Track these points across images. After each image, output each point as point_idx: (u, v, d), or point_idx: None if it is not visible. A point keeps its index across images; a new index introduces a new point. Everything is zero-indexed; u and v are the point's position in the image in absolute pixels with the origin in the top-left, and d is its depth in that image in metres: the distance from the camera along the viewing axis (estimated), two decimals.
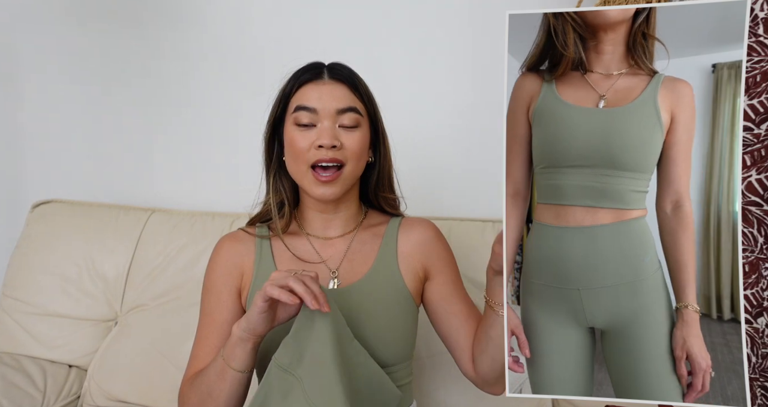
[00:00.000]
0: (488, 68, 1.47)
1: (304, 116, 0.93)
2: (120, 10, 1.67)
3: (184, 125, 1.68)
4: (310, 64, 0.98)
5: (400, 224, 1.04)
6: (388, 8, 1.58)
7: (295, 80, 0.96)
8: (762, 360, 1.10)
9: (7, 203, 1.73)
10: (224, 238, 1.02)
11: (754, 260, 1.10)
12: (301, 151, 0.92)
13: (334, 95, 0.94)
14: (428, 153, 1.56)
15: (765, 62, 1.07)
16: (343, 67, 0.98)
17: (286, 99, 0.96)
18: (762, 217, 1.10)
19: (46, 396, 1.33)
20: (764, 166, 1.09)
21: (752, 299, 1.10)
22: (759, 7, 1.07)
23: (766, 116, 1.09)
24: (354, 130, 0.94)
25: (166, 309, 1.41)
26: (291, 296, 0.77)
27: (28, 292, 1.44)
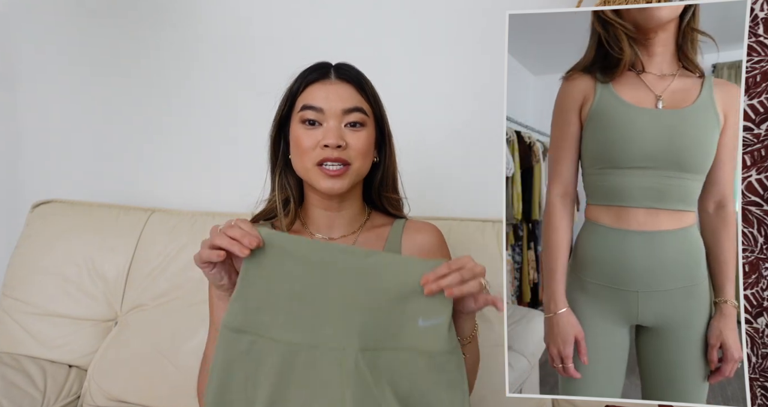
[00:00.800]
0: (488, 68, 1.47)
1: (310, 114, 0.94)
2: (120, 10, 1.67)
3: (185, 124, 1.68)
4: (317, 64, 0.99)
5: (404, 226, 1.04)
6: (388, 8, 1.58)
7: (302, 80, 0.97)
8: (762, 360, 1.10)
9: (7, 203, 1.73)
10: None
11: (754, 260, 1.10)
12: (306, 149, 0.93)
13: (340, 95, 0.95)
14: (428, 153, 1.56)
15: (765, 62, 1.08)
16: (350, 68, 0.99)
17: (293, 98, 0.97)
18: (762, 217, 1.10)
19: (46, 396, 1.33)
20: (764, 166, 1.09)
21: (752, 299, 1.10)
22: (759, 7, 1.07)
23: (766, 116, 1.09)
24: (359, 130, 0.95)
25: (166, 309, 1.41)
26: (219, 253, 0.77)
27: (28, 292, 1.44)
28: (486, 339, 1.28)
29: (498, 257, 1.33)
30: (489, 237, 1.37)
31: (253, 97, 1.62)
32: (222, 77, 1.65)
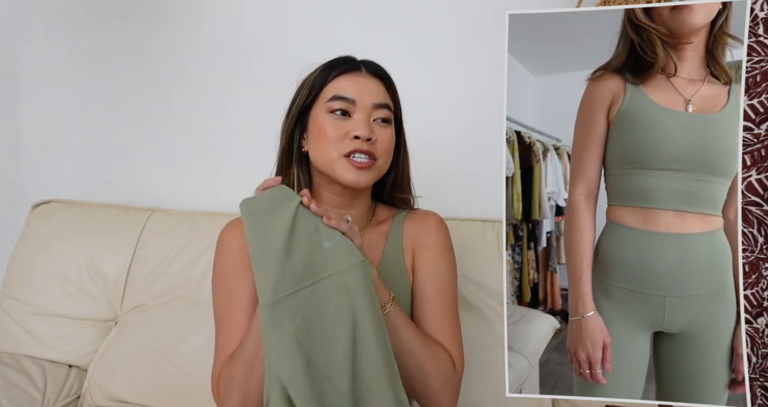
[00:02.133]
0: (488, 68, 1.47)
1: (341, 104, 0.92)
2: (119, 10, 1.67)
3: (185, 124, 1.68)
4: (343, 57, 0.98)
5: (405, 217, 1.03)
6: (388, 8, 1.58)
7: (331, 70, 0.95)
8: (762, 360, 1.10)
9: (7, 203, 1.73)
10: (229, 226, 1.00)
11: (754, 260, 1.11)
12: (334, 139, 0.91)
13: (371, 89, 0.94)
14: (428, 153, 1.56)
15: (765, 62, 1.08)
16: (378, 65, 0.99)
17: (318, 88, 0.95)
18: (762, 217, 1.10)
19: (46, 396, 1.33)
20: (764, 166, 1.09)
21: (752, 299, 1.10)
22: (759, 7, 1.07)
23: (766, 116, 1.09)
24: (387, 126, 0.94)
25: (166, 309, 1.41)
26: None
27: (28, 292, 1.44)
28: (486, 339, 1.29)
29: (498, 257, 1.33)
30: (489, 237, 1.37)
31: (253, 96, 1.62)
32: (222, 77, 1.65)
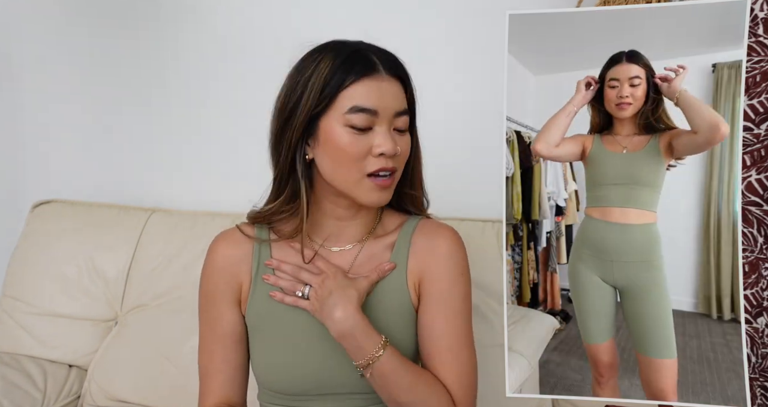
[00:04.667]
0: (488, 68, 1.47)
1: (363, 119, 0.80)
2: (119, 10, 1.67)
3: (184, 124, 1.68)
4: (355, 52, 0.83)
5: (416, 228, 0.92)
6: (388, 8, 1.58)
7: (347, 72, 0.81)
8: (762, 360, 1.10)
9: (7, 203, 1.73)
10: (218, 241, 0.94)
11: (754, 260, 1.11)
12: (356, 157, 0.81)
13: (393, 95, 0.83)
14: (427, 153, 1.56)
15: (765, 62, 1.08)
16: (395, 59, 0.86)
17: (332, 94, 0.81)
18: (762, 217, 1.10)
19: (46, 396, 1.33)
20: (764, 166, 1.09)
21: (752, 299, 1.10)
22: (759, 7, 1.07)
23: (766, 116, 1.09)
24: (405, 134, 0.86)
25: (166, 309, 1.41)
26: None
27: (28, 292, 1.44)
28: (486, 339, 1.28)
29: (498, 257, 1.33)
30: (489, 237, 1.37)
31: (254, 96, 1.62)
32: (222, 77, 1.65)
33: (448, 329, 0.87)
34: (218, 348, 0.90)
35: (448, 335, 0.87)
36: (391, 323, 0.88)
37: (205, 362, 0.92)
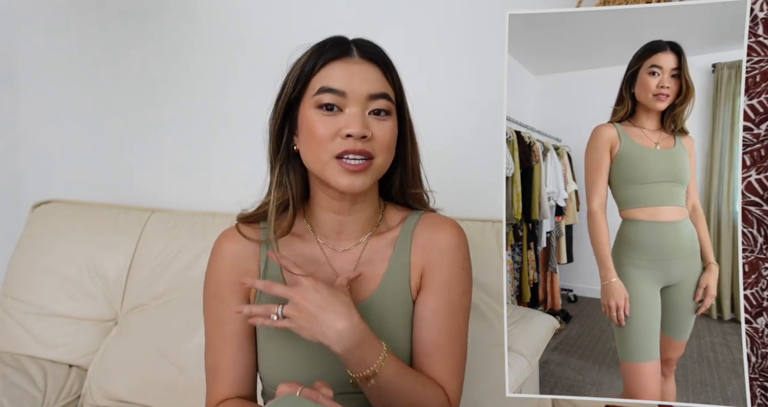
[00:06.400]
0: (488, 68, 1.47)
1: (329, 98, 0.80)
2: (120, 9, 1.67)
3: (184, 124, 1.68)
4: (334, 38, 0.85)
5: (418, 222, 0.92)
6: (387, 7, 1.58)
7: (319, 56, 0.83)
8: (762, 360, 1.10)
9: (7, 203, 1.73)
10: (224, 239, 0.93)
11: (754, 260, 1.11)
12: (323, 139, 0.80)
13: (365, 77, 0.82)
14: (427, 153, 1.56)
15: (765, 62, 1.08)
16: (374, 46, 0.86)
17: (305, 78, 0.83)
18: (762, 217, 1.10)
19: (46, 396, 1.33)
20: (764, 166, 1.09)
21: (752, 299, 1.10)
22: (759, 7, 1.07)
23: (766, 116, 1.09)
24: (385, 119, 0.83)
25: (166, 309, 1.41)
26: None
27: (28, 292, 1.44)
28: (486, 339, 1.29)
29: (498, 257, 1.33)
30: (489, 237, 1.37)
31: (252, 95, 1.62)
32: (221, 77, 1.65)
33: (445, 324, 0.88)
34: (228, 348, 0.90)
35: (445, 330, 0.88)
36: (392, 328, 0.88)
37: (214, 361, 0.91)
